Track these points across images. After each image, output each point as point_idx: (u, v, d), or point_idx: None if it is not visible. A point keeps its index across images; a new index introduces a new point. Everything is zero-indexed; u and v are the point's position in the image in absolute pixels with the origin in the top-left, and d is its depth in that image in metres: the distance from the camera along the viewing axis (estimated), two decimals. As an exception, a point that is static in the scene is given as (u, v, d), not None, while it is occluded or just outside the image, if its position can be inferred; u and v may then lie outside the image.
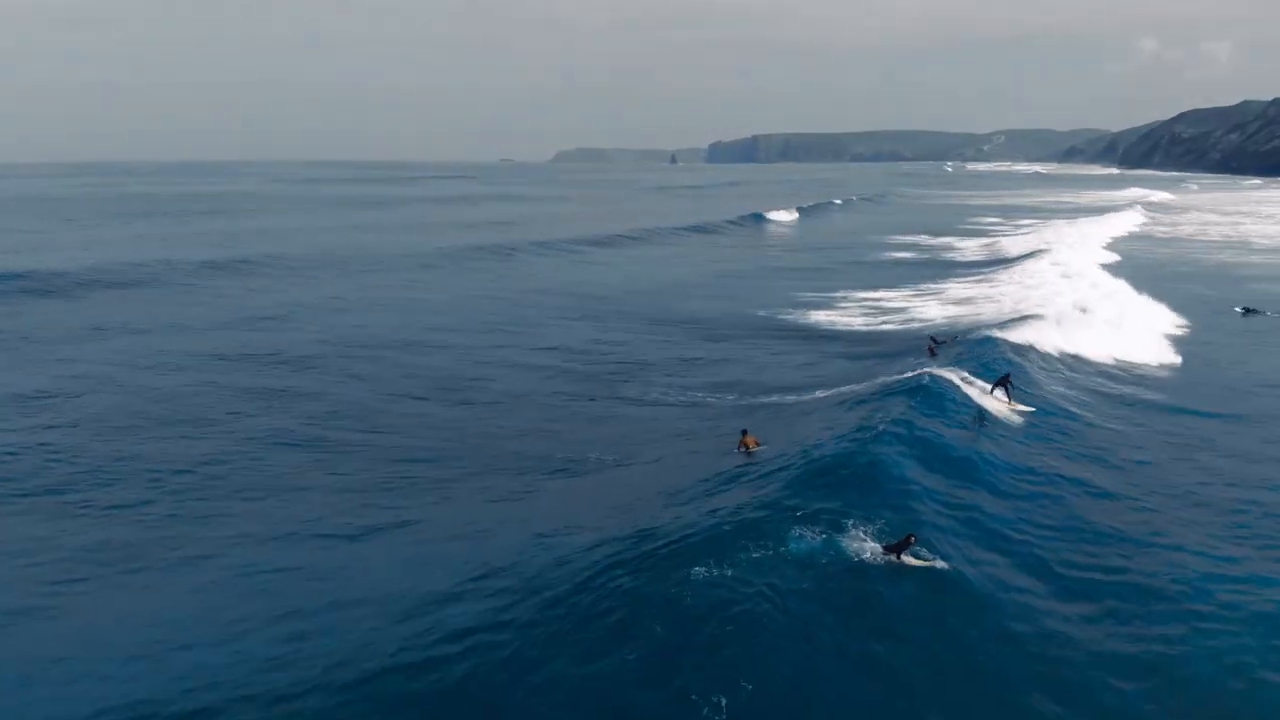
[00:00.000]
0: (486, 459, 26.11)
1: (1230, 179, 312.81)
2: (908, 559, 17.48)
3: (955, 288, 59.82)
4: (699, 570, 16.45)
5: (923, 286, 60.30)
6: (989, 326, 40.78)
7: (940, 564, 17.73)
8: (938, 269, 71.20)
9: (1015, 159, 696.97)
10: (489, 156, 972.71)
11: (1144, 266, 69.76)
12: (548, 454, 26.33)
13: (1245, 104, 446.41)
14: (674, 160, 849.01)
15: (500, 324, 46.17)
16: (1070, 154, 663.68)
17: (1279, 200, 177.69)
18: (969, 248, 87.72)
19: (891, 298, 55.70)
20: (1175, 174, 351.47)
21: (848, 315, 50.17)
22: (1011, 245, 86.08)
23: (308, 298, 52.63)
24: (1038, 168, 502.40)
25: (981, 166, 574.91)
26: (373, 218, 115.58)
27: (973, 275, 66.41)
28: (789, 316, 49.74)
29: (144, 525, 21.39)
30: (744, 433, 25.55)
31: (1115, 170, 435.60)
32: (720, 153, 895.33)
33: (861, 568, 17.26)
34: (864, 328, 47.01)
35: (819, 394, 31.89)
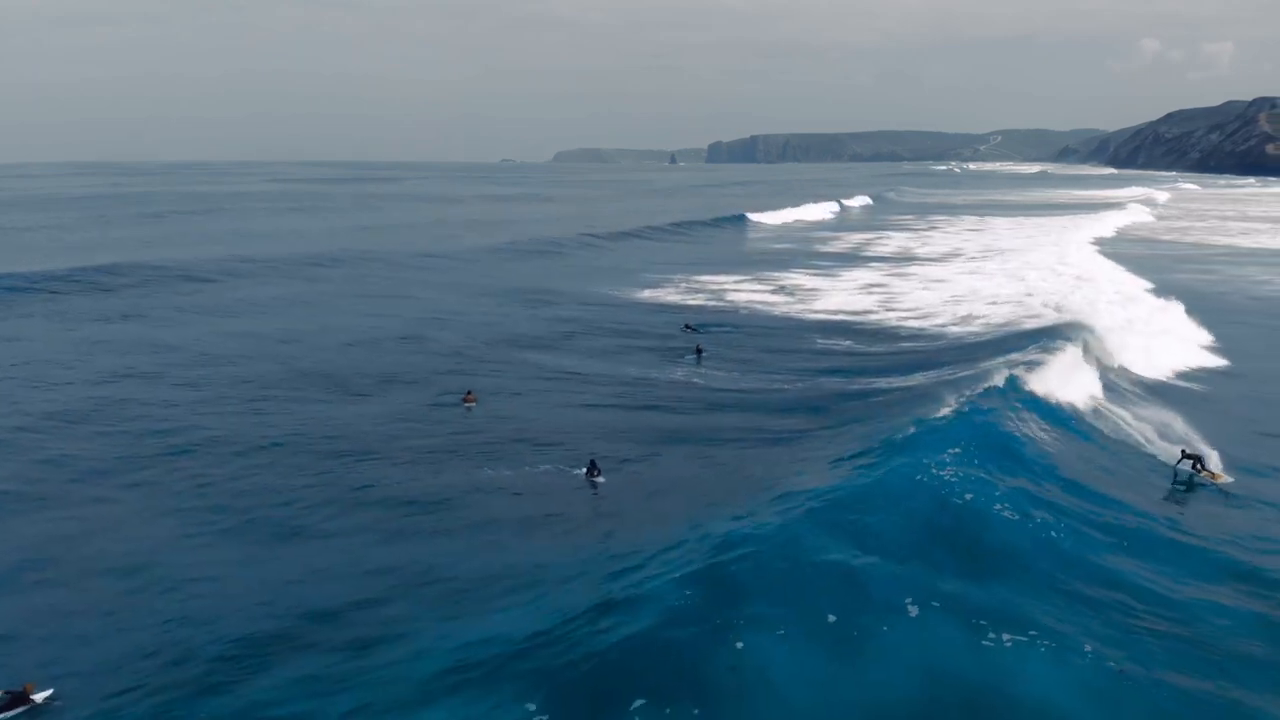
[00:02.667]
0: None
1: (1207, 178, 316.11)
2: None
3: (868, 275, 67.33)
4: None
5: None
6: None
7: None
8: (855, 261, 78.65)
9: (1012, 159, 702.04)
10: (490, 157, 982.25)
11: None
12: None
13: (1229, 104, 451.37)
14: (673, 160, 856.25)
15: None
16: (1064, 154, 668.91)
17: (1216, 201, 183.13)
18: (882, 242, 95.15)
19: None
20: (1140, 172, 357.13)
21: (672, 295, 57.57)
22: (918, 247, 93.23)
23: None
24: (1026, 168, 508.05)
25: (973, 166, 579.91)
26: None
27: (885, 267, 73.84)
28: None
29: None
30: (468, 392, 32.90)
31: (1108, 170, 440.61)
32: (720, 153, 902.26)
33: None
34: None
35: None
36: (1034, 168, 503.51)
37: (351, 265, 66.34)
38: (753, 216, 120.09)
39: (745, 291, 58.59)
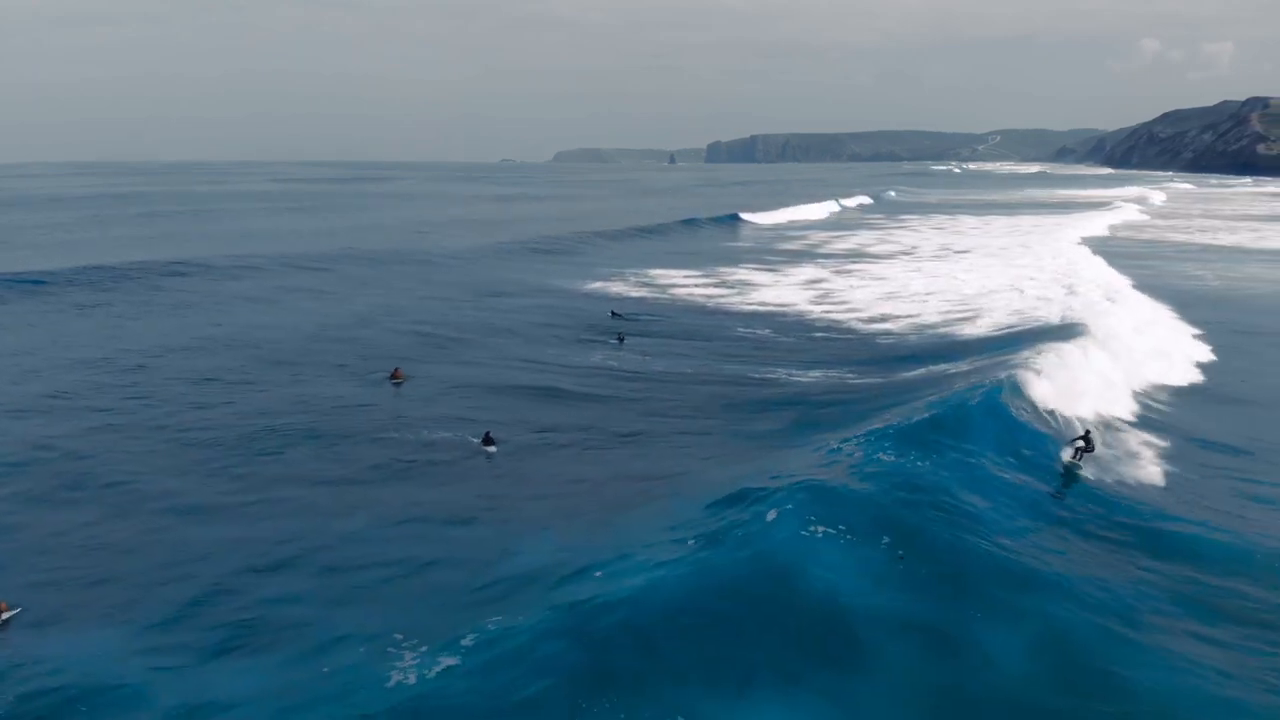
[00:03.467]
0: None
1: (1197, 177, 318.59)
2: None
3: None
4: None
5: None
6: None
7: None
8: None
9: (1010, 158, 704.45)
10: (490, 157, 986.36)
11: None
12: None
13: (1223, 104, 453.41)
14: (672, 160, 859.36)
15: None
16: (1062, 154, 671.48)
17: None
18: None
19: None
20: (1131, 172, 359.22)
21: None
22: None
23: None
24: (1024, 168, 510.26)
25: (972, 166, 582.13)
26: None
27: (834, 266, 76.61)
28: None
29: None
30: (395, 369, 35.87)
31: (1102, 170, 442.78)
32: (720, 153, 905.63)
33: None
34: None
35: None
36: (1033, 168, 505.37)
37: (317, 263, 69.16)
38: (745, 215, 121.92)
39: (689, 285, 61.53)
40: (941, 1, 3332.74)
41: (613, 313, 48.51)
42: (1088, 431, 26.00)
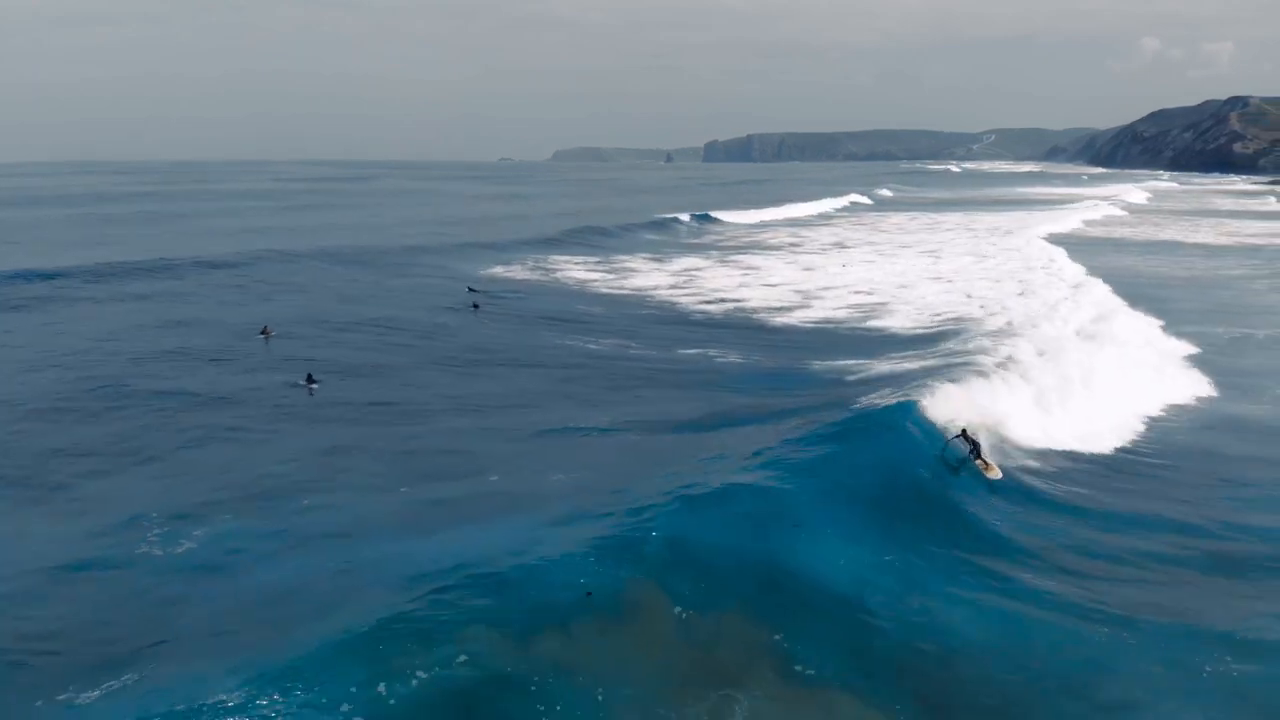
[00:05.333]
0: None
1: (1179, 175, 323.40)
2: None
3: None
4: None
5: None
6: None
7: None
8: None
9: (1005, 158, 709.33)
10: (489, 156, 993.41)
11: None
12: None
13: (1206, 104, 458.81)
14: (669, 159, 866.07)
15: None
16: (1053, 153, 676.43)
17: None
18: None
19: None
20: (1115, 171, 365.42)
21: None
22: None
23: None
24: (1017, 166, 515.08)
25: (970, 165, 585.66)
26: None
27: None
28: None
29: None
30: (264, 327, 42.89)
31: (1087, 169, 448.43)
32: (717, 152, 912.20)
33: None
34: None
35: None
36: (1026, 167, 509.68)
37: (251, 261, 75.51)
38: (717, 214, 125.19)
39: (576, 270, 68.70)
40: (942, 1, 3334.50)
41: (470, 288, 55.59)
42: (964, 430, 24.82)
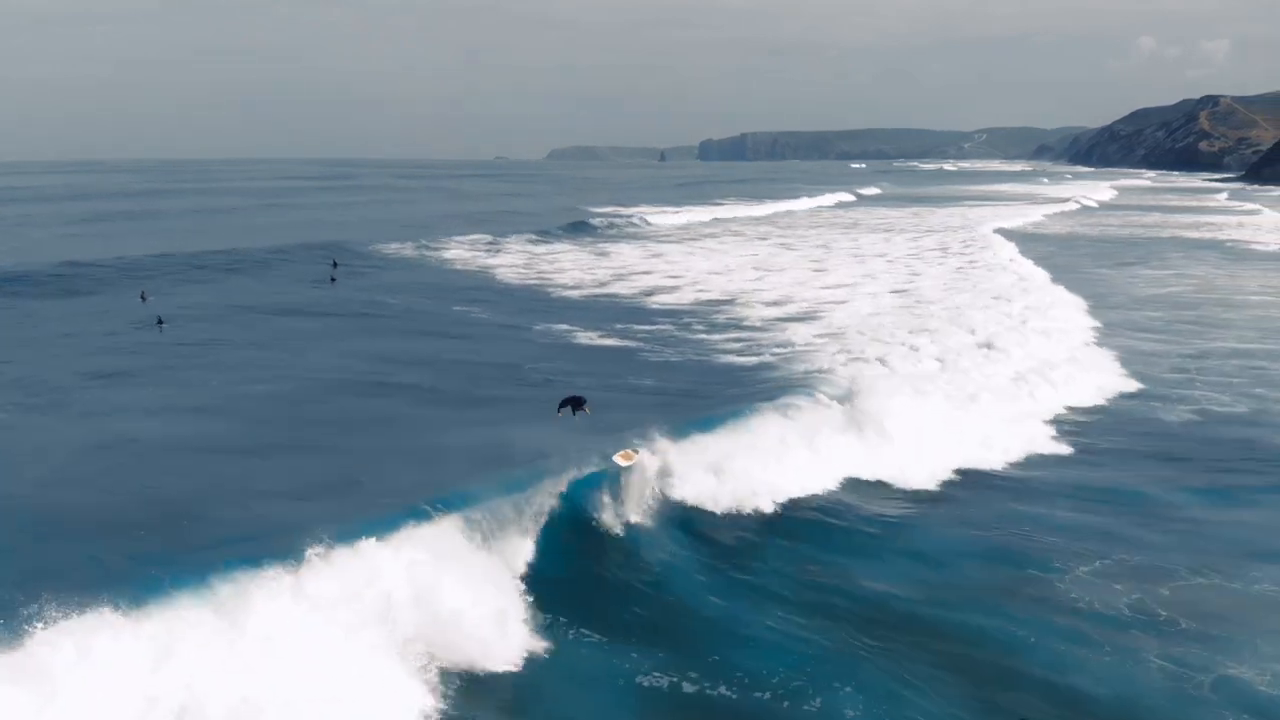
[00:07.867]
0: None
1: (1137, 172, 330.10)
2: None
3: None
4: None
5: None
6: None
7: None
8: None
9: (995, 157, 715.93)
10: (484, 154, 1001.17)
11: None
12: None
13: (1183, 103, 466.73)
14: (663, 158, 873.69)
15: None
16: (1040, 152, 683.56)
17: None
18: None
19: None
20: (1089, 169, 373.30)
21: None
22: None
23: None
24: (1003, 165, 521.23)
25: (964, 164, 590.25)
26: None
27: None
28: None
29: None
30: (141, 291, 51.52)
31: (1066, 168, 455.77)
32: (711, 150, 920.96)
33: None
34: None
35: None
36: (1015, 166, 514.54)
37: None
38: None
39: (458, 250, 76.92)
40: (941, 1, 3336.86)
41: (334, 262, 63.81)
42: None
